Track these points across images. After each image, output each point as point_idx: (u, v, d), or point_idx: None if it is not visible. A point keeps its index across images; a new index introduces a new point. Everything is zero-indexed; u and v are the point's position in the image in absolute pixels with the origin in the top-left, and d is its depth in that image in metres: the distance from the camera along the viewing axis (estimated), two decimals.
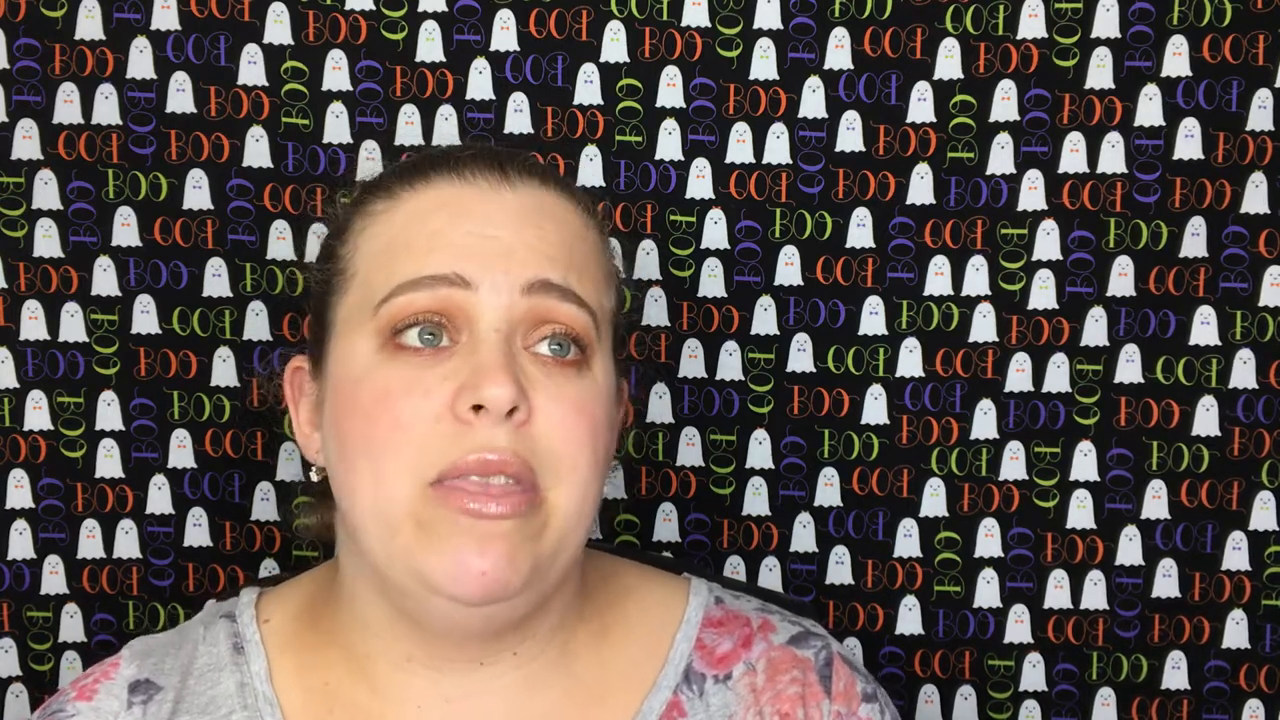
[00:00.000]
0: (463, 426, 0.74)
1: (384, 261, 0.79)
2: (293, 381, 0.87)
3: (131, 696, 0.83)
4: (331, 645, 0.84)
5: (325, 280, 0.84)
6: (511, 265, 0.78)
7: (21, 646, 1.16)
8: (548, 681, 0.83)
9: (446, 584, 0.74)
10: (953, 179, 1.14)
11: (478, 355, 0.76)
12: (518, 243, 0.78)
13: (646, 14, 1.13)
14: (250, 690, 0.83)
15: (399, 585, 0.77)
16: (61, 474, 1.16)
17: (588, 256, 0.82)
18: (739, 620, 0.87)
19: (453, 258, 0.77)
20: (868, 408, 1.16)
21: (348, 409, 0.78)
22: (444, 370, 0.76)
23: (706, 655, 0.85)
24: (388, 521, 0.76)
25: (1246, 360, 1.15)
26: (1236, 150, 1.14)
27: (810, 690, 0.84)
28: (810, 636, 0.87)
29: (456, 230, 0.79)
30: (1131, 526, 1.16)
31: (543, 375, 0.77)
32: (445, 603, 0.75)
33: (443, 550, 0.74)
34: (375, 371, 0.77)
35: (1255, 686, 1.17)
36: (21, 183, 1.14)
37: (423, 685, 0.81)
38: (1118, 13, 1.13)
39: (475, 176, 0.81)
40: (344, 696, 0.82)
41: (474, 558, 0.73)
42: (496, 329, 0.77)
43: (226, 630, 0.86)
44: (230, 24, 1.13)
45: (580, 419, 0.77)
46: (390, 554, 0.76)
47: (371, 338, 0.78)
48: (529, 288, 0.77)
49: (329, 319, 0.82)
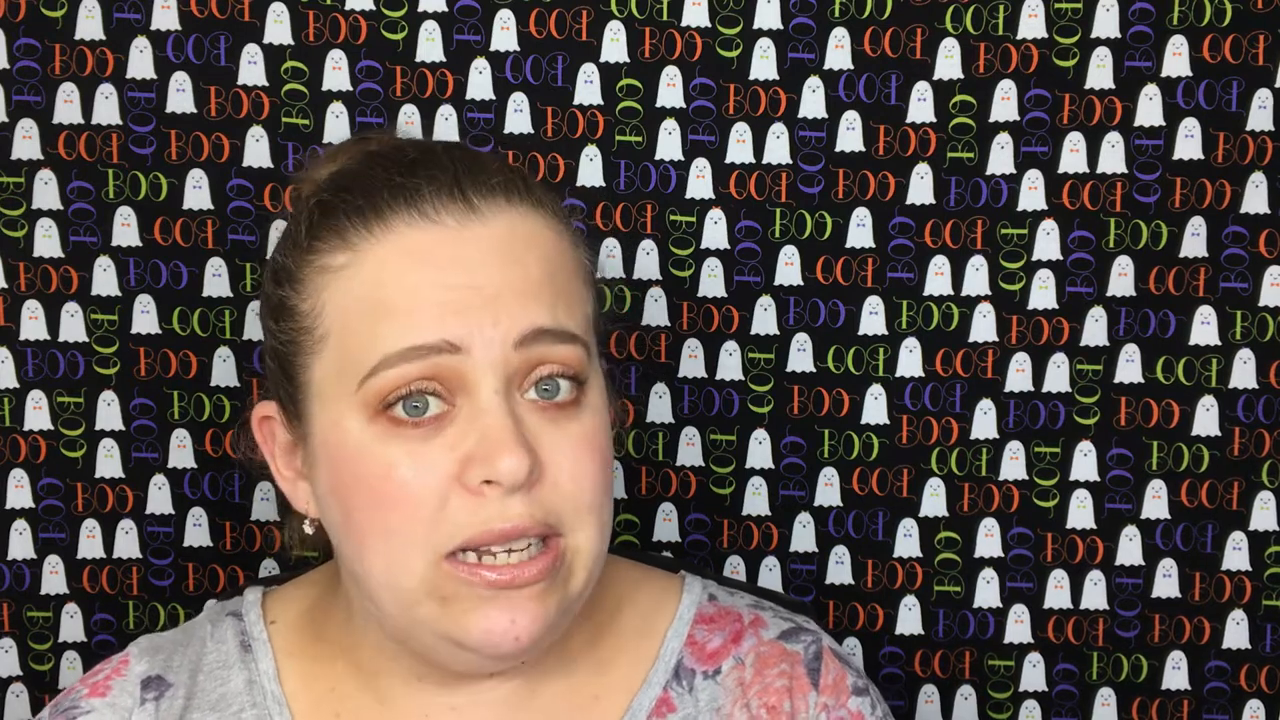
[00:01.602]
0: (474, 498, 0.73)
1: (361, 327, 0.75)
2: (262, 430, 0.84)
3: (144, 693, 0.83)
4: (338, 657, 0.84)
5: (289, 340, 0.79)
6: (500, 317, 0.74)
7: (21, 646, 1.16)
8: (546, 681, 0.83)
9: (481, 647, 0.74)
10: (953, 179, 1.14)
11: (482, 423, 0.73)
12: (502, 288, 0.74)
13: (646, 14, 1.13)
14: (259, 689, 0.83)
15: (424, 644, 0.77)
16: (61, 474, 1.16)
17: (568, 275, 0.79)
18: (731, 616, 0.88)
19: (437, 321, 0.73)
20: (868, 408, 1.16)
21: (350, 485, 0.75)
22: (446, 440, 0.74)
23: (697, 651, 0.86)
24: (404, 597, 0.75)
25: (1246, 360, 1.15)
26: (1236, 150, 1.14)
27: (797, 683, 0.84)
28: (801, 631, 0.87)
29: (434, 285, 0.74)
30: (1131, 526, 1.16)
31: (546, 423, 0.75)
32: (481, 660, 0.76)
33: (470, 621, 0.74)
34: (373, 448, 0.74)
35: (1255, 687, 1.17)
36: (21, 183, 1.14)
37: (428, 698, 0.82)
38: (1118, 13, 1.13)
39: (439, 213, 0.75)
40: (350, 702, 0.83)
41: (504, 625, 0.73)
42: (496, 390, 0.74)
43: (234, 628, 0.86)
44: (230, 24, 1.13)
45: (589, 459, 0.76)
46: (412, 621, 0.76)
47: (359, 410, 0.74)
48: (521, 340, 0.74)
49: (301, 379, 0.78)
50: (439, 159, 0.79)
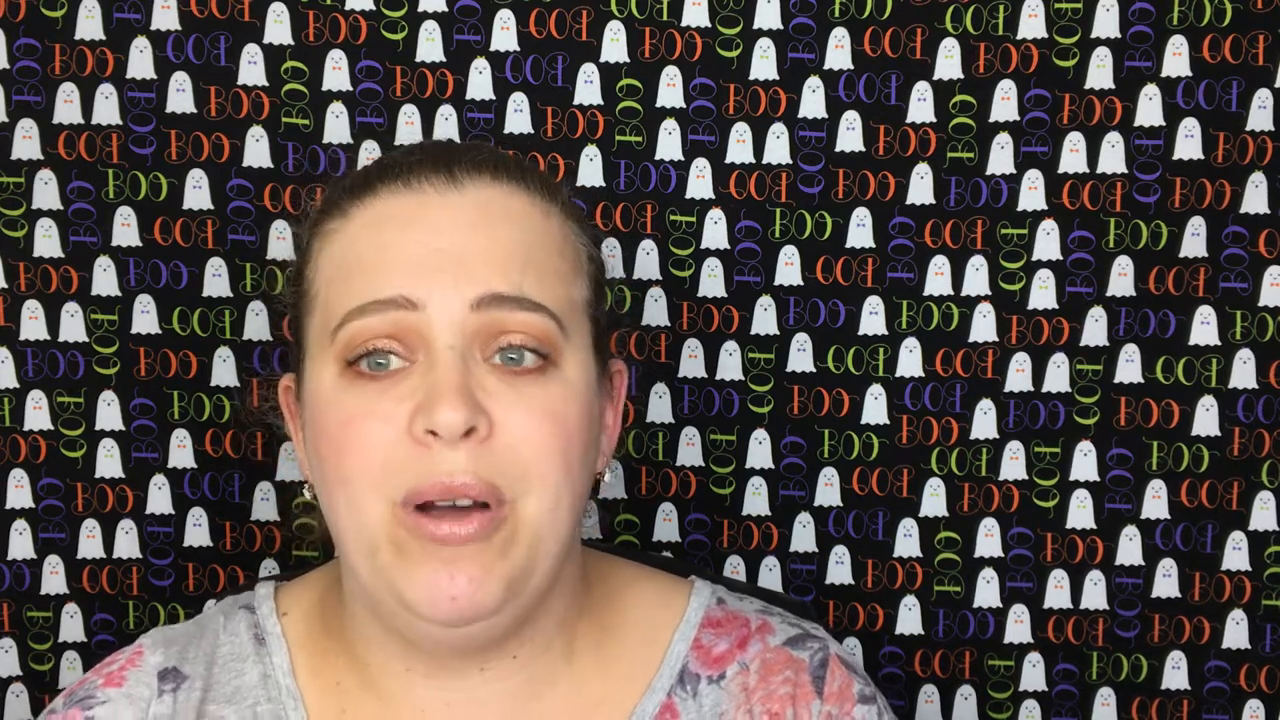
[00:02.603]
0: (421, 449, 0.74)
1: (339, 282, 0.79)
2: (285, 401, 0.87)
3: (161, 684, 0.83)
4: (341, 651, 0.84)
5: (295, 303, 0.84)
6: (459, 279, 0.76)
7: (21, 646, 1.16)
8: (549, 682, 0.83)
9: (422, 608, 0.75)
10: (953, 179, 1.14)
11: (433, 375, 0.75)
12: (468, 251, 0.77)
13: (646, 14, 1.13)
14: (274, 682, 0.83)
15: (385, 605, 0.78)
16: (61, 474, 1.16)
17: (547, 253, 0.80)
18: (738, 621, 0.87)
19: (400, 278, 0.76)
20: (868, 408, 1.16)
21: (319, 436, 0.78)
22: (400, 392, 0.75)
23: (703, 655, 0.85)
24: (367, 542, 0.76)
25: (1246, 360, 1.15)
26: (1236, 150, 1.14)
27: (801, 690, 0.84)
28: (808, 638, 0.87)
29: (403, 245, 0.78)
30: (1131, 526, 1.16)
31: (504, 386, 0.76)
32: (427, 624, 0.76)
33: (415, 575, 0.75)
34: (337, 398, 0.77)
35: (1255, 687, 1.17)
36: (21, 183, 1.14)
37: (424, 693, 0.82)
38: (1118, 13, 1.13)
39: (422, 183, 0.79)
40: (354, 698, 0.83)
41: (444, 582, 0.74)
42: (450, 345, 0.76)
43: (247, 621, 0.86)
44: (230, 24, 1.13)
45: (546, 424, 0.76)
46: (373, 573, 0.77)
47: (332, 364, 0.78)
48: (478, 302, 0.76)
49: (302, 340, 0.83)
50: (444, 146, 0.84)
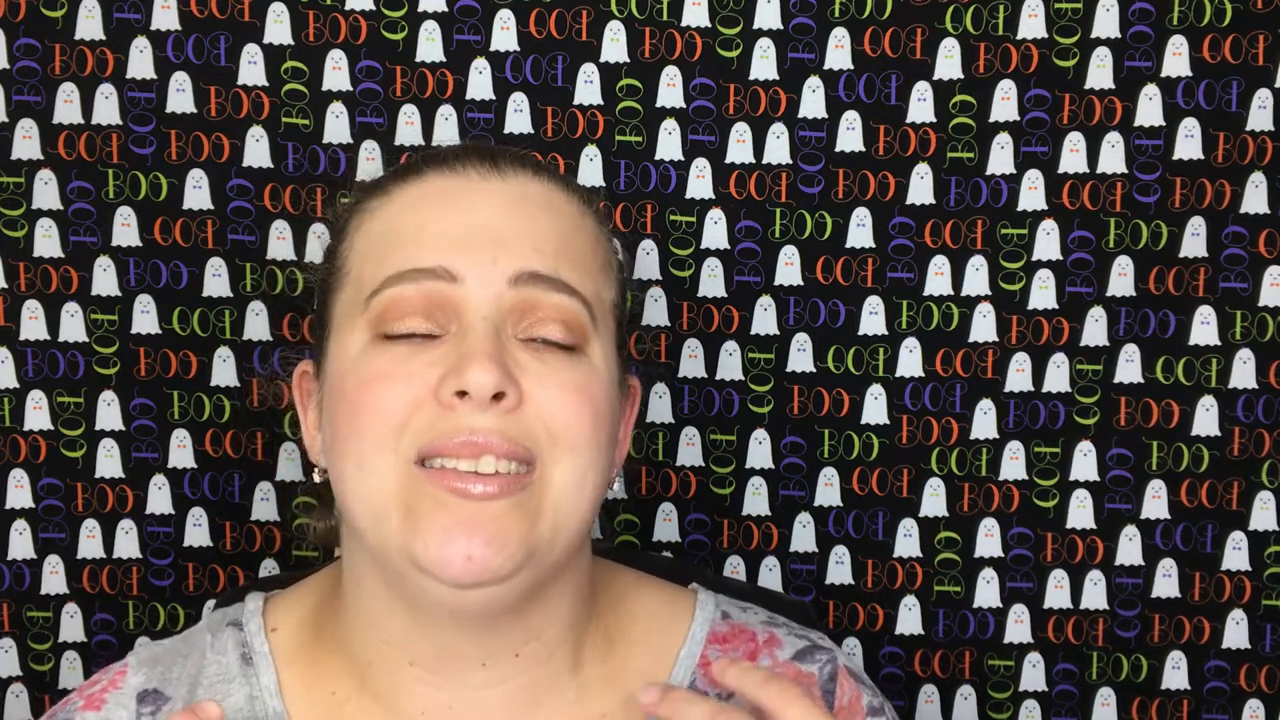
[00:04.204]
0: (445, 411, 0.74)
1: (375, 255, 0.80)
2: (300, 386, 0.87)
3: (140, 707, 0.82)
4: (337, 654, 0.83)
5: (325, 280, 0.84)
6: (499, 255, 0.77)
7: (21, 646, 1.16)
8: (554, 689, 0.82)
9: (434, 567, 0.73)
10: (953, 179, 1.14)
11: (465, 342, 0.75)
12: (506, 231, 0.78)
13: (646, 14, 1.13)
14: (260, 704, 0.82)
15: (394, 568, 0.76)
16: (61, 474, 1.16)
17: (582, 246, 0.81)
18: (744, 635, 0.87)
19: (439, 250, 0.77)
20: (868, 408, 1.16)
21: (338, 400, 0.78)
22: (430, 357, 0.75)
23: (711, 674, 0.84)
24: (375, 507, 0.75)
25: (1246, 360, 1.15)
26: (1236, 150, 1.14)
27: None
28: (816, 650, 0.87)
29: (444, 220, 0.79)
30: (1131, 526, 1.16)
31: (535, 360, 0.76)
32: (437, 585, 0.74)
33: (429, 532, 0.73)
34: (363, 360, 0.77)
35: (1255, 686, 1.17)
36: (21, 183, 1.14)
37: (426, 692, 0.80)
38: (1118, 13, 1.13)
39: (466, 169, 0.81)
40: (350, 707, 0.82)
41: (460, 541, 0.72)
42: (484, 317, 0.76)
43: (234, 639, 0.85)
44: (230, 24, 1.13)
45: (579, 398, 0.76)
46: (382, 537, 0.75)
47: (363, 330, 0.78)
48: (516, 279, 0.77)
49: (328, 318, 0.83)
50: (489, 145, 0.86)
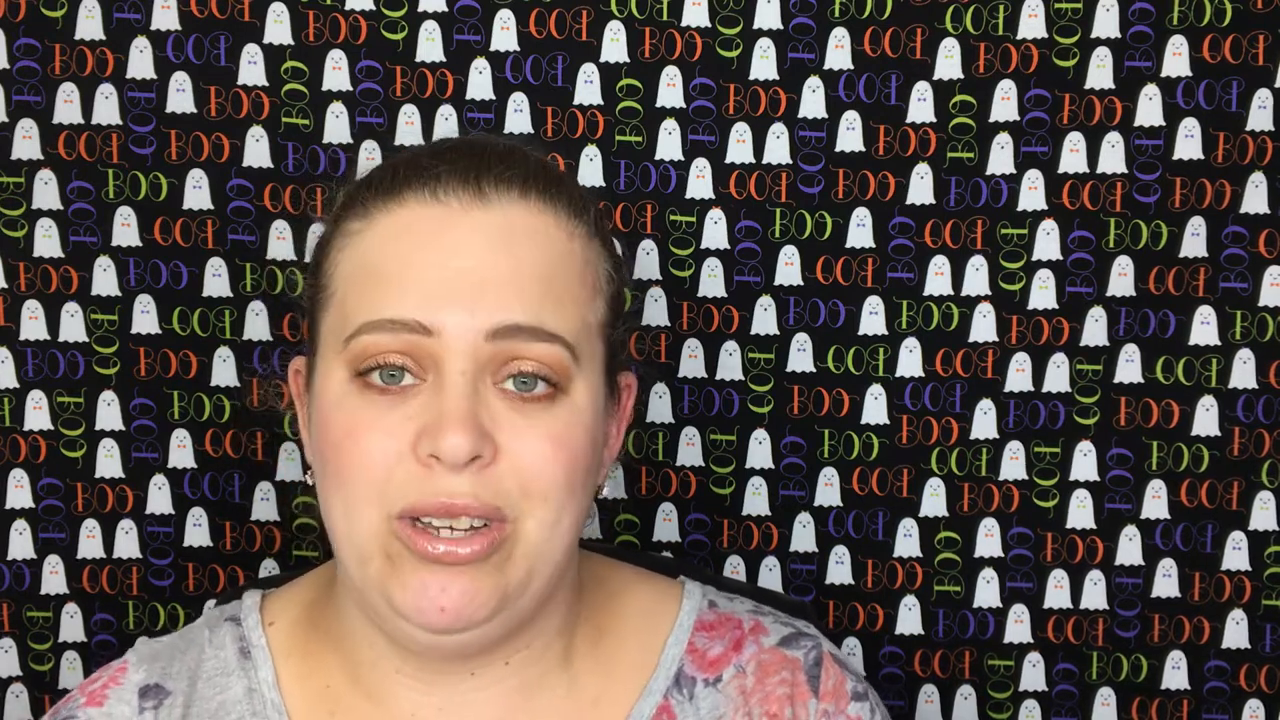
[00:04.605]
0: (423, 469, 0.75)
1: (355, 287, 0.79)
2: (295, 383, 0.87)
3: (142, 702, 0.83)
4: (332, 650, 0.84)
5: (313, 295, 0.84)
6: (478, 306, 0.76)
7: (21, 646, 1.16)
8: (545, 685, 0.83)
9: (411, 614, 0.75)
10: (953, 179, 1.14)
11: (441, 399, 0.75)
12: (489, 276, 0.77)
13: (646, 14, 1.13)
14: (259, 696, 0.83)
15: (375, 608, 0.78)
16: (61, 474, 1.16)
17: (569, 279, 0.80)
18: (731, 623, 0.88)
19: (417, 299, 0.76)
20: (868, 408, 1.16)
21: (323, 437, 0.79)
22: (408, 410, 0.76)
23: (698, 659, 0.85)
24: (359, 550, 0.77)
25: (1246, 360, 1.15)
26: (1236, 150, 1.14)
27: (798, 690, 0.85)
28: (801, 637, 0.87)
29: (424, 264, 0.77)
30: (1131, 526, 1.16)
31: (512, 411, 0.76)
32: (415, 629, 0.76)
33: (406, 584, 0.75)
34: (344, 403, 0.77)
35: (1255, 686, 1.17)
36: (21, 183, 1.14)
37: (414, 696, 0.82)
38: (1118, 13, 1.13)
39: (449, 196, 0.79)
40: (345, 701, 0.83)
41: (435, 593, 0.75)
42: (462, 371, 0.76)
43: (232, 634, 0.86)
44: (230, 24, 1.13)
45: (551, 450, 0.77)
46: (364, 579, 0.77)
47: (342, 368, 0.78)
48: (494, 333, 0.76)
49: (315, 335, 0.83)
50: (471, 149, 0.82)
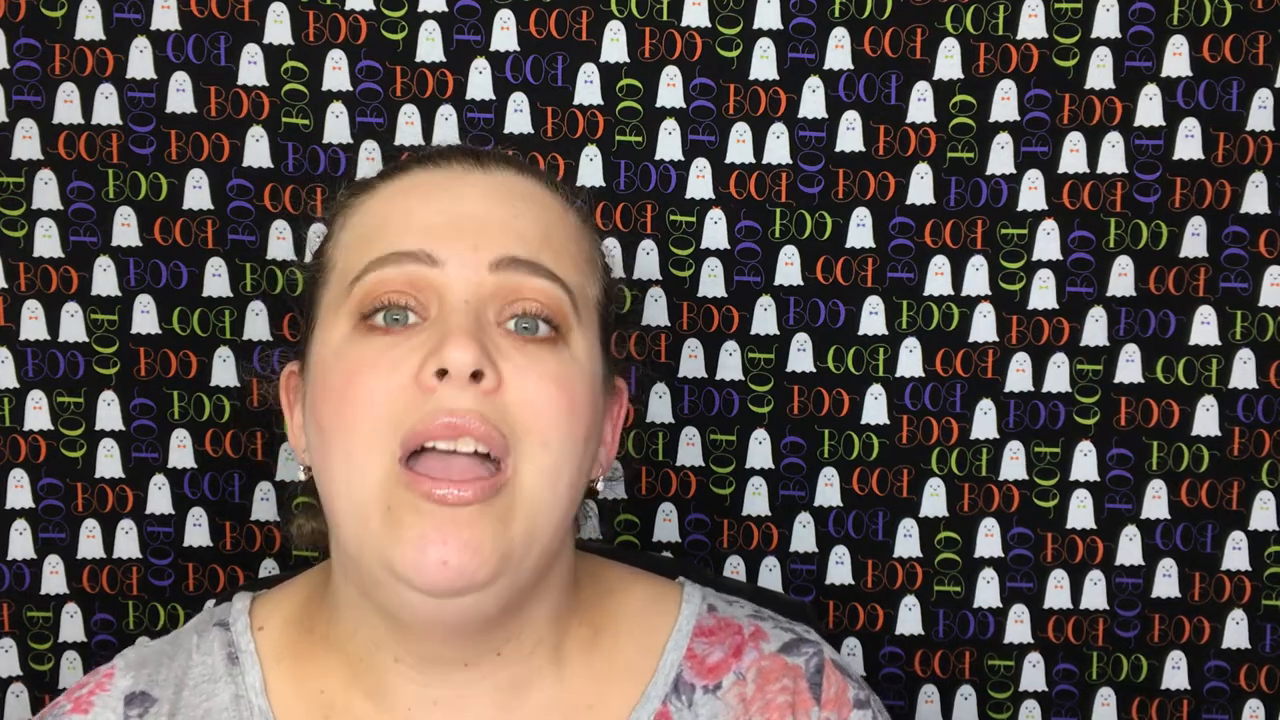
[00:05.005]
0: (426, 393, 0.74)
1: (359, 244, 0.80)
2: (287, 387, 0.87)
3: (128, 709, 0.82)
4: (327, 650, 0.83)
5: (311, 277, 0.84)
6: (480, 241, 0.78)
7: (21, 646, 1.16)
8: (537, 685, 0.82)
9: (410, 574, 0.73)
10: (953, 179, 1.14)
11: (445, 324, 0.75)
12: (489, 219, 0.79)
13: (646, 14, 1.13)
14: (245, 703, 0.82)
15: (373, 576, 0.76)
16: (61, 474, 1.16)
17: (565, 238, 0.82)
18: (731, 628, 0.86)
19: (422, 235, 0.78)
20: (868, 408, 1.16)
21: (322, 392, 0.78)
22: (412, 344, 0.75)
23: (697, 665, 0.84)
24: (359, 506, 0.75)
25: (1246, 360, 1.15)
26: (1236, 150, 1.14)
27: (800, 698, 0.84)
28: (802, 643, 0.86)
29: (428, 208, 0.79)
30: (1131, 526, 1.16)
31: (515, 349, 0.76)
32: (415, 595, 0.74)
33: (406, 539, 0.73)
34: (346, 351, 0.77)
35: (1255, 686, 1.17)
36: (21, 183, 1.14)
37: (412, 689, 0.80)
38: (1118, 13, 1.13)
39: (451, 164, 0.82)
40: (339, 704, 0.82)
41: (435, 546, 0.72)
42: (465, 300, 0.76)
43: (220, 639, 0.85)
44: (230, 24, 1.13)
45: (555, 390, 0.76)
46: (362, 542, 0.75)
47: (346, 320, 0.78)
48: (497, 264, 0.77)
49: (313, 314, 0.83)
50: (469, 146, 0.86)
